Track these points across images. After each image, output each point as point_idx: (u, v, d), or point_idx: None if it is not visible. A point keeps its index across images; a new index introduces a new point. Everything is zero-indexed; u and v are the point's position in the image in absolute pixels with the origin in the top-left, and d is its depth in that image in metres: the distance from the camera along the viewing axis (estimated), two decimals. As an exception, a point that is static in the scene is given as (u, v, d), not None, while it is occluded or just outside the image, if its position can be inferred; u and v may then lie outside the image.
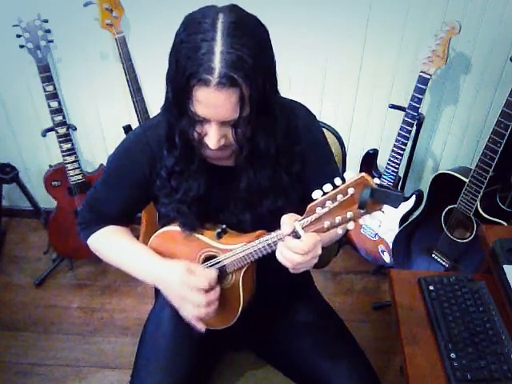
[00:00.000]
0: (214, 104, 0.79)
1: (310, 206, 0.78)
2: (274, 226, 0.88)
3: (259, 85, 0.80)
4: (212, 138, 0.84)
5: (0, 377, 1.75)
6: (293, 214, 0.85)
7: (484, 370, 0.90)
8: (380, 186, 0.70)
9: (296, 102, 1.04)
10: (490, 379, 0.90)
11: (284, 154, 0.96)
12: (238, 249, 0.95)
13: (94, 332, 1.92)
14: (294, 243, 0.82)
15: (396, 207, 0.68)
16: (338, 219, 0.75)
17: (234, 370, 1.17)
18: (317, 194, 0.76)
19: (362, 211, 0.72)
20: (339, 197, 0.73)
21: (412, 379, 0.93)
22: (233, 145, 0.88)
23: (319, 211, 0.76)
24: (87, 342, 1.89)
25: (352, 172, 0.73)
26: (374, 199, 0.70)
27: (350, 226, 0.76)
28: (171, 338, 1.08)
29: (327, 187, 0.75)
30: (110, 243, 1.08)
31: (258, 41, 0.81)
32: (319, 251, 0.85)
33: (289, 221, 0.83)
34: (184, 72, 0.78)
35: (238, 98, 0.79)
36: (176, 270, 0.94)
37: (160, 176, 0.99)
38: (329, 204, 0.75)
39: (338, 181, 0.73)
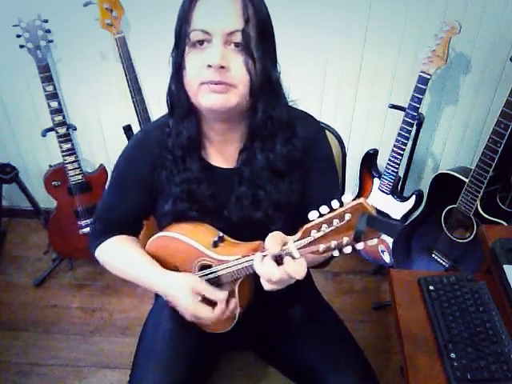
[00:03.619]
0: (218, 8, 0.83)
1: (305, 227, 0.75)
2: (269, 231, 0.85)
3: (263, 9, 0.86)
4: (215, 50, 0.83)
5: (0, 377, 1.75)
6: (279, 232, 0.82)
7: (484, 370, 0.90)
8: (378, 212, 0.67)
9: (309, 114, 1.04)
10: (489, 379, 0.89)
11: (284, 158, 0.97)
12: (232, 262, 0.93)
13: (94, 332, 1.92)
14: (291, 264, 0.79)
15: (392, 237, 0.67)
16: (333, 243, 0.73)
17: (233, 370, 1.17)
18: (313, 215, 0.73)
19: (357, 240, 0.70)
20: (335, 221, 0.71)
21: (412, 379, 0.92)
22: (233, 86, 0.85)
23: (314, 234, 0.74)
24: (87, 341, 1.89)
25: (350, 195, 0.71)
26: (371, 228, 0.67)
27: (347, 250, 0.74)
28: (170, 337, 1.08)
29: (324, 209, 0.72)
30: (115, 255, 1.07)
31: None
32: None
33: (278, 239, 0.80)
34: None
35: (241, 5, 0.83)
36: (182, 291, 0.95)
37: (165, 167, 0.99)
38: (324, 228, 0.72)
39: (335, 203, 0.71)
